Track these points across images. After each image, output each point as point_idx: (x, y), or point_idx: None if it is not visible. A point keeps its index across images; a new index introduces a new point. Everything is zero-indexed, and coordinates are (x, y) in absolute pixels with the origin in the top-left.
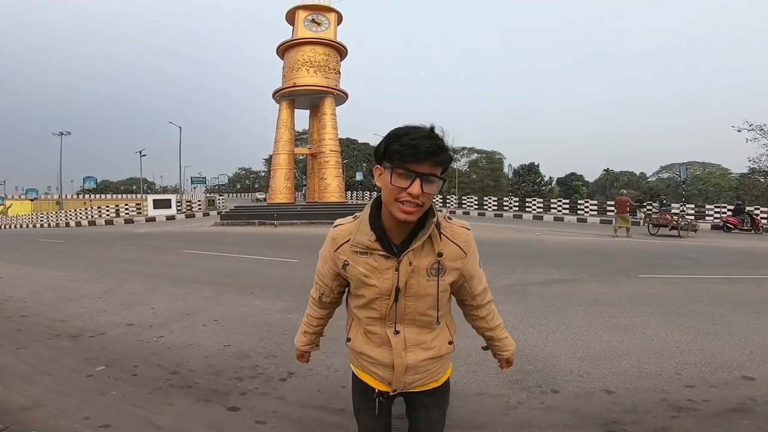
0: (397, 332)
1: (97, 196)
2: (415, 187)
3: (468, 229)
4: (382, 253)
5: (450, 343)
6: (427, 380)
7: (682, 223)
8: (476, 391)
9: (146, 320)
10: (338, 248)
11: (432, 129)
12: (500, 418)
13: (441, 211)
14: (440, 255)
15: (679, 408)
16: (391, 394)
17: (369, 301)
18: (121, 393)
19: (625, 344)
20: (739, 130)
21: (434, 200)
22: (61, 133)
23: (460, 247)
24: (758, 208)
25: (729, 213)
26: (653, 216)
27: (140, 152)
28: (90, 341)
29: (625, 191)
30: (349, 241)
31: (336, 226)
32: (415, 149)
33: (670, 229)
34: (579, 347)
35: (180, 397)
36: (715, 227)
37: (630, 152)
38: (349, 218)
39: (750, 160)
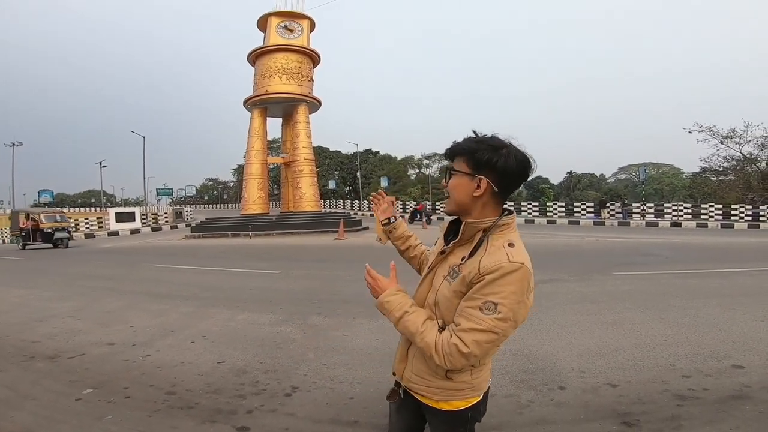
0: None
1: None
2: (443, 181)
3: (512, 262)
4: (442, 239)
5: (447, 373)
6: (422, 388)
7: None
8: None
9: (127, 339)
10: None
11: (473, 132)
12: (515, 417)
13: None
14: (463, 259)
15: (683, 397)
16: (394, 379)
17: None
18: (117, 417)
19: (617, 339)
20: (690, 132)
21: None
22: (13, 144)
23: (482, 265)
24: (712, 205)
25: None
26: None
27: (100, 163)
28: (70, 362)
29: None
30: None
31: None
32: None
33: None
34: (575, 344)
35: (183, 419)
36: (675, 224)
37: (588, 154)
38: None
39: (702, 160)
